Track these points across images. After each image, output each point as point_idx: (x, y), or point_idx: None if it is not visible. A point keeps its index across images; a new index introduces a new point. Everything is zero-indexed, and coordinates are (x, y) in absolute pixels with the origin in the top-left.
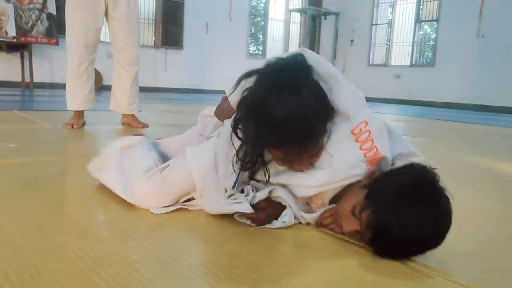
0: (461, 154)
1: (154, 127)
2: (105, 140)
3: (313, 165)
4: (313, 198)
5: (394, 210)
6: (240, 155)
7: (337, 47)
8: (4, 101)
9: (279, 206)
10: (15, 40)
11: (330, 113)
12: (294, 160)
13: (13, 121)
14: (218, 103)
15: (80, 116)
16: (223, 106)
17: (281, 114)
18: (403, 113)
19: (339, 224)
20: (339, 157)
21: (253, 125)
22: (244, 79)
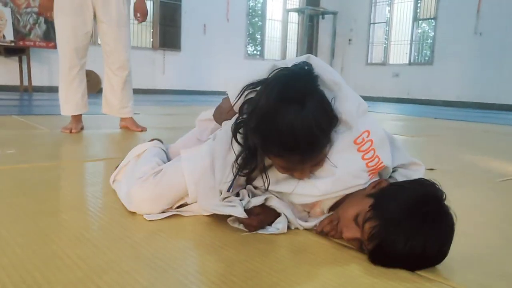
0: (460, 153)
1: (153, 130)
2: (104, 145)
3: (315, 173)
4: (313, 207)
5: (401, 226)
6: (239, 160)
7: (335, 47)
8: (3, 106)
9: (273, 213)
10: (13, 44)
11: (334, 123)
12: (296, 169)
13: (12, 126)
14: (217, 104)
15: (78, 121)
16: (223, 107)
17: (286, 127)
18: (402, 112)
19: (339, 230)
20: (341, 167)
21: (257, 135)
22: (249, 89)
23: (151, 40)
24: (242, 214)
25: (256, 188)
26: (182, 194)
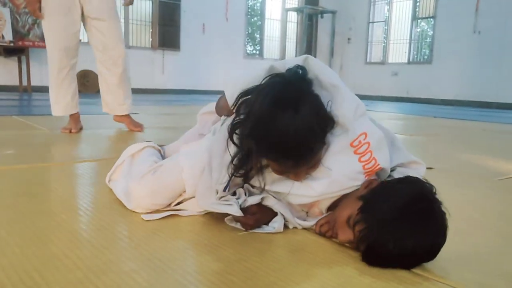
0: (458, 152)
1: (152, 130)
2: (103, 145)
3: (311, 174)
4: (311, 207)
5: (389, 227)
6: (235, 161)
7: (334, 46)
8: (2, 106)
9: (270, 212)
10: (12, 44)
11: (329, 127)
12: (290, 172)
13: (11, 127)
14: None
15: (77, 121)
16: (221, 105)
17: (279, 133)
18: (401, 111)
19: (335, 231)
20: (338, 169)
21: (251, 141)
22: (244, 97)
23: (150, 40)
24: (238, 213)
25: (254, 187)
26: (181, 190)
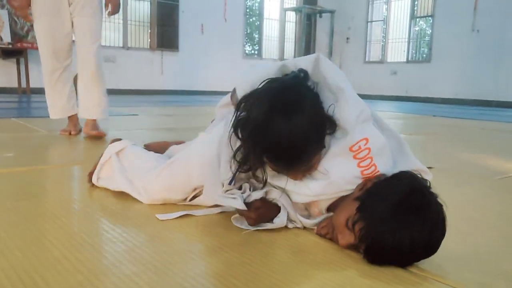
0: (458, 151)
1: (152, 132)
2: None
3: (311, 175)
4: (311, 206)
5: (387, 224)
6: (237, 157)
7: (333, 45)
8: (1, 108)
9: (274, 208)
10: (11, 46)
11: (331, 128)
12: (287, 172)
13: (11, 129)
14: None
15: (76, 122)
16: (234, 98)
17: (273, 138)
18: (400, 110)
19: (335, 236)
20: (336, 172)
21: (248, 144)
22: (244, 102)
23: (149, 41)
24: (242, 206)
25: (258, 180)
26: (195, 185)
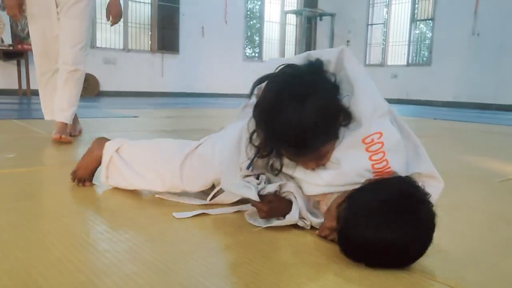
0: (457, 154)
1: (152, 134)
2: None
3: (324, 166)
4: (321, 203)
5: (371, 216)
6: (256, 143)
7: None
8: (2, 110)
9: (287, 204)
10: (11, 48)
11: (346, 120)
12: (298, 160)
13: (11, 131)
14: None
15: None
16: None
17: (283, 123)
18: (401, 113)
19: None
20: (347, 162)
21: (260, 128)
22: (258, 85)
23: (150, 43)
24: (255, 197)
25: (274, 171)
26: (215, 173)
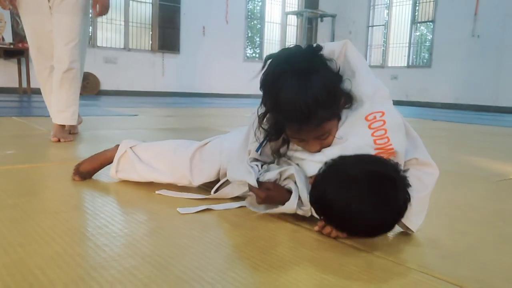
0: (456, 154)
1: (153, 132)
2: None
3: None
4: None
5: (345, 182)
6: (265, 126)
7: None
8: (2, 107)
9: (285, 193)
10: (12, 46)
11: (347, 101)
12: (300, 138)
13: (11, 128)
14: None
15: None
16: None
17: (284, 97)
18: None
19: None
20: (350, 138)
21: (264, 103)
22: (269, 59)
23: (150, 43)
24: (254, 183)
25: (280, 156)
26: (222, 164)
